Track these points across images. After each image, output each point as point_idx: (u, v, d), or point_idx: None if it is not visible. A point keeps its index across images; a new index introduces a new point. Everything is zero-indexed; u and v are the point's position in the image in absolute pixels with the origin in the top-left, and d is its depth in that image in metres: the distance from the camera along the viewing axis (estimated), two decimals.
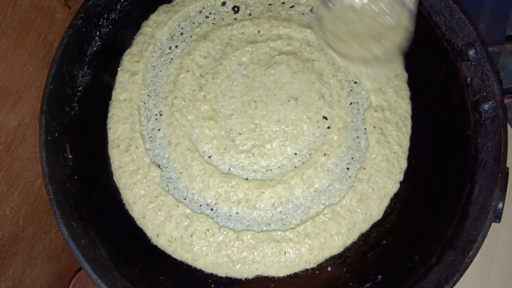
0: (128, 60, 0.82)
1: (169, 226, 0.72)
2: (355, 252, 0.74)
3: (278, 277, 0.72)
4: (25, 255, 0.81)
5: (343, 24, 0.72)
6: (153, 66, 0.82)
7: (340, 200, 0.73)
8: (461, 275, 0.68)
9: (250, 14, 0.83)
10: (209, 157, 0.75)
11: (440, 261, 0.73)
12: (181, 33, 0.83)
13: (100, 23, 0.84)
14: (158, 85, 0.80)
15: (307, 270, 0.73)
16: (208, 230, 0.71)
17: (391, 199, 0.75)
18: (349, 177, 0.75)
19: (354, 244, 0.74)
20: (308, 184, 0.74)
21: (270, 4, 0.84)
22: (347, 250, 0.74)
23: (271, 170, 0.75)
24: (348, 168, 0.75)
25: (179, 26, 0.84)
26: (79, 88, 0.82)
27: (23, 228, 0.79)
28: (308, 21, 0.81)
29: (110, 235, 0.75)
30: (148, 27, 0.83)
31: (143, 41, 0.83)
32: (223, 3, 0.84)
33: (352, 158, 0.76)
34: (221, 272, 0.71)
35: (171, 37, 0.83)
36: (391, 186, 0.75)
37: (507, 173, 0.72)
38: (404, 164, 0.76)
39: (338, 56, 0.75)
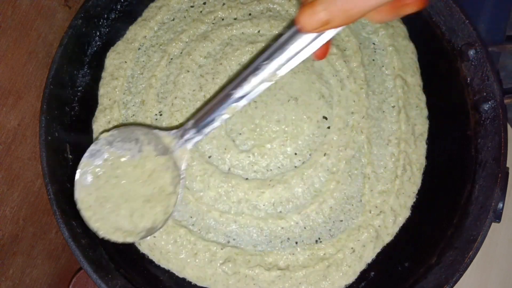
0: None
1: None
2: None
3: None
4: (25, 255, 0.81)
5: (108, 182, 0.64)
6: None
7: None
8: (461, 275, 0.68)
9: (250, 14, 0.83)
10: (209, 157, 0.75)
11: (440, 261, 0.73)
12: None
13: (100, 23, 0.84)
14: (158, 85, 0.80)
15: None
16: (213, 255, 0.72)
17: None
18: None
19: None
20: (309, 184, 0.74)
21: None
22: None
23: (271, 170, 0.75)
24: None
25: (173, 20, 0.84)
26: (79, 88, 0.82)
27: (23, 228, 0.79)
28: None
29: None
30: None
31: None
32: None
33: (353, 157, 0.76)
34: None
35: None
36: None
37: (507, 173, 0.72)
38: None
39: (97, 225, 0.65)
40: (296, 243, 0.73)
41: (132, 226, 0.64)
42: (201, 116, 0.62)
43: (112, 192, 0.64)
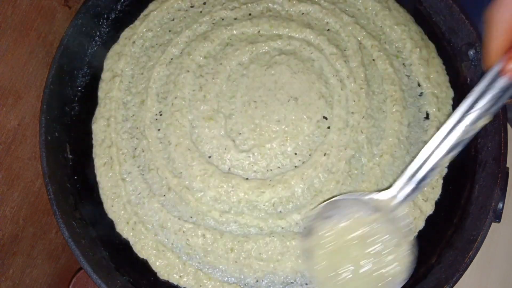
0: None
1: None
2: None
3: None
4: (25, 255, 0.81)
5: (333, 254, 0.64)
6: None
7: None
8: (461, 275, 0.68)
9: (250, 14, 0.83)
10: (209, 157, 0.75)
11: (440, 261, 0.73)
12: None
13: (100, 23, 0.84)
14: (158, 85, 0.80)
15: None
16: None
17: None
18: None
19: None
20: (308, 184, 0.74)
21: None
22: None
23: (271, 170, 0.75)
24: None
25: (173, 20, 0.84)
26: (79, 88, 0.82)
27: (23, 228, 0.79)
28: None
29: (111, 235, 0.75)
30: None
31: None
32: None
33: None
34: None
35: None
36: None
37: (507, 173, 0.72)
38: None
39: None
40: None
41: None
42: (414, 173, 0.59)
43: (338, 261, 0.64)
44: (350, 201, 0.64)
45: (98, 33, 0.84)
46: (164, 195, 0.75)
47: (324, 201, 0.67)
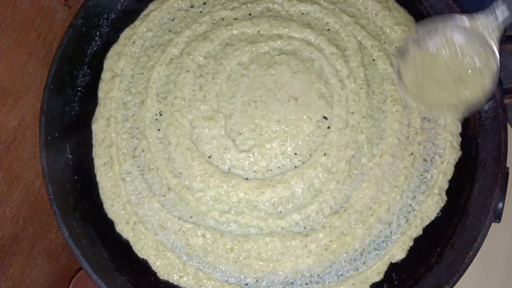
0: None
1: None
2: None
3: None
4: (25, 255, 0.81)
5: (424, 72, 0.70)
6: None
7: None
8: (461, 275, 0.68)
9: (250, 14, 0.83)
10: (209, 157, 0.75)
11: (440, 261, 0.73)
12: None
13: (100, 23, 0.84)
14: (158, 85, 0.80)
15: None
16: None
17: None
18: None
19: None
20: (308, 184, 0.74)
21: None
22: None
23: (271, 170, 0.75)
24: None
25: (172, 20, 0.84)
26: (79, 88, 0.82)
27: (23, 228, 0.79)
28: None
29: (111, 235, 0.75)
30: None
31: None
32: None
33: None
34: None
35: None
36: None
37: (507, 173, 0.72)
38: None
39: (422, 106, 0.73)
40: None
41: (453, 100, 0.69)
42: None
43: (427, 79, 0.69)
44: (446, 25, 0.67)
45: (98, 33, 0.84)
46: (164, 195, 0.75)
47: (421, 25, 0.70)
